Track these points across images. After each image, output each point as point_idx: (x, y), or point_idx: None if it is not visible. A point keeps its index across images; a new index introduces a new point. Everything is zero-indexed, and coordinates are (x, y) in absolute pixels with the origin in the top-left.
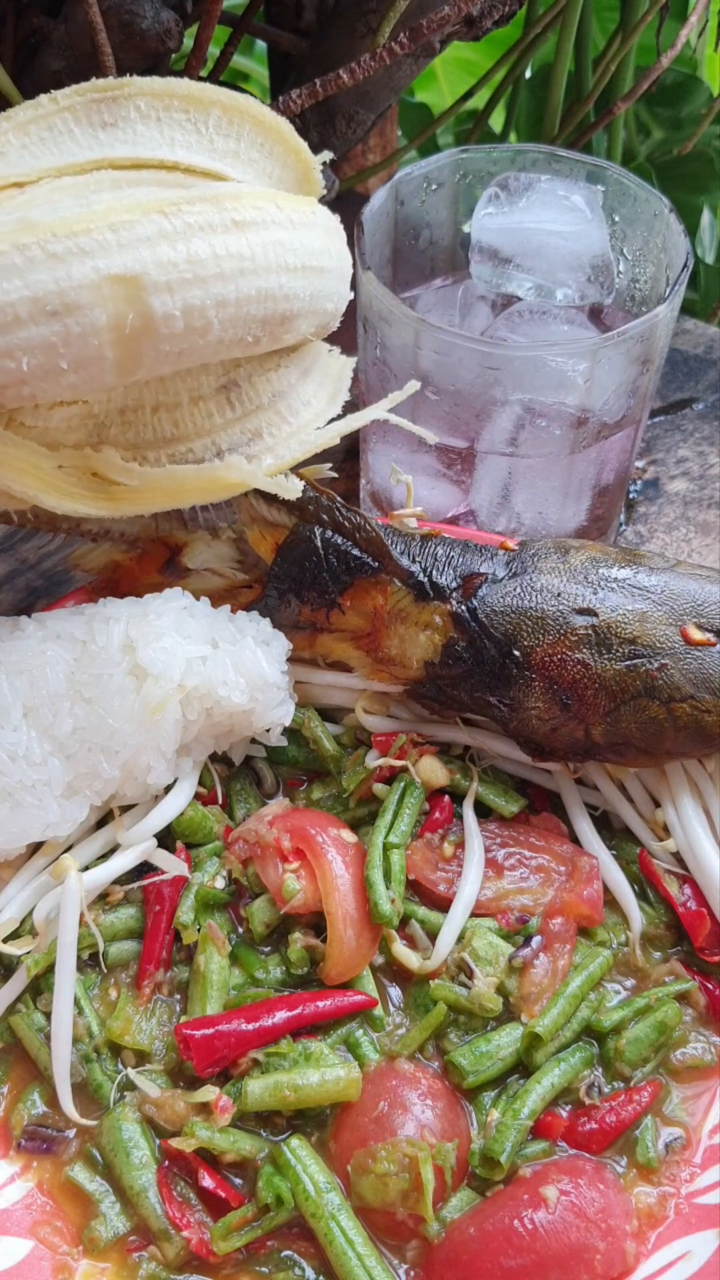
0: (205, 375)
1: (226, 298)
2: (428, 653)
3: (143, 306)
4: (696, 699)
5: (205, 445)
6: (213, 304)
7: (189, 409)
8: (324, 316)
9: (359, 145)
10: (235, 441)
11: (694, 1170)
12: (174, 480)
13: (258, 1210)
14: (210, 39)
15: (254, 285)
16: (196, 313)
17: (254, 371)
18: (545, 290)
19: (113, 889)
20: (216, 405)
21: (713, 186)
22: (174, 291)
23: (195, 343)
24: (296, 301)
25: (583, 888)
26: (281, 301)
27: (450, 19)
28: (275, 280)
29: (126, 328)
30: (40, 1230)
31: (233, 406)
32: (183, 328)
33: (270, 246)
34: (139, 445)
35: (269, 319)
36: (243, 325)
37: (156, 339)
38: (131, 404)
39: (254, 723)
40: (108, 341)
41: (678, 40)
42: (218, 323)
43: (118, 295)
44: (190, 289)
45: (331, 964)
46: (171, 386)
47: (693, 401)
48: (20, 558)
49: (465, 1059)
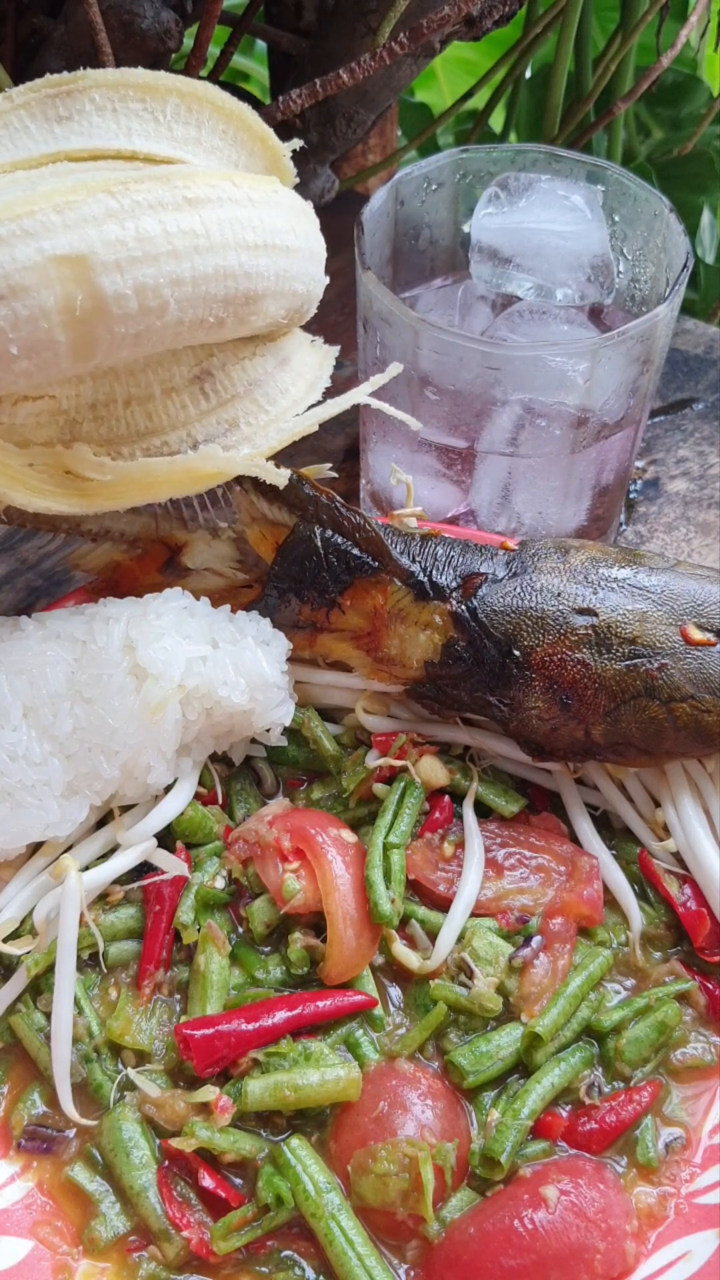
0: (177, 365)
1: (181, 276)
2: (428, 652)
3: (91, 287)
4: (696, 699)
5: (180, 437)
6: (167, 282)
7: (162, 401)
8: (295, 299)
9: (359, 145)
10: (211, 432)
11: (694, 1170)
12: (147, 473)
13: (258, 1210)
14: (210, 39)
15: (210, 263)
16: (150, 292)
17: (228, 360)
18: (545, 290)
19: (113, 889)
20: (190, 396)
21: (713, 186)
22: (124, 270)
23: (152, 323)
24: (260, 280)
25: (583, 888)
26: (243, 280)
27: (450, 19)
28: (234, 258)
29: (76, 309)
30: (40, 1230)
31: (207, 397)
32: (136, 308)
33: (226, 223)
34: (112, 440)
35: (231, 298)
36: (202, 305)
37: (110, 320)
38: (103, 398)
39: (254, 723)
40: (58, 324)
41: (678, 40)
42: (174, 302)
43: (65, 276)
44: (141, 267)
45: (331, 964)
46: (143, 378)
47: (693, 401)
48: (20, 558)
49: (465, 1059)
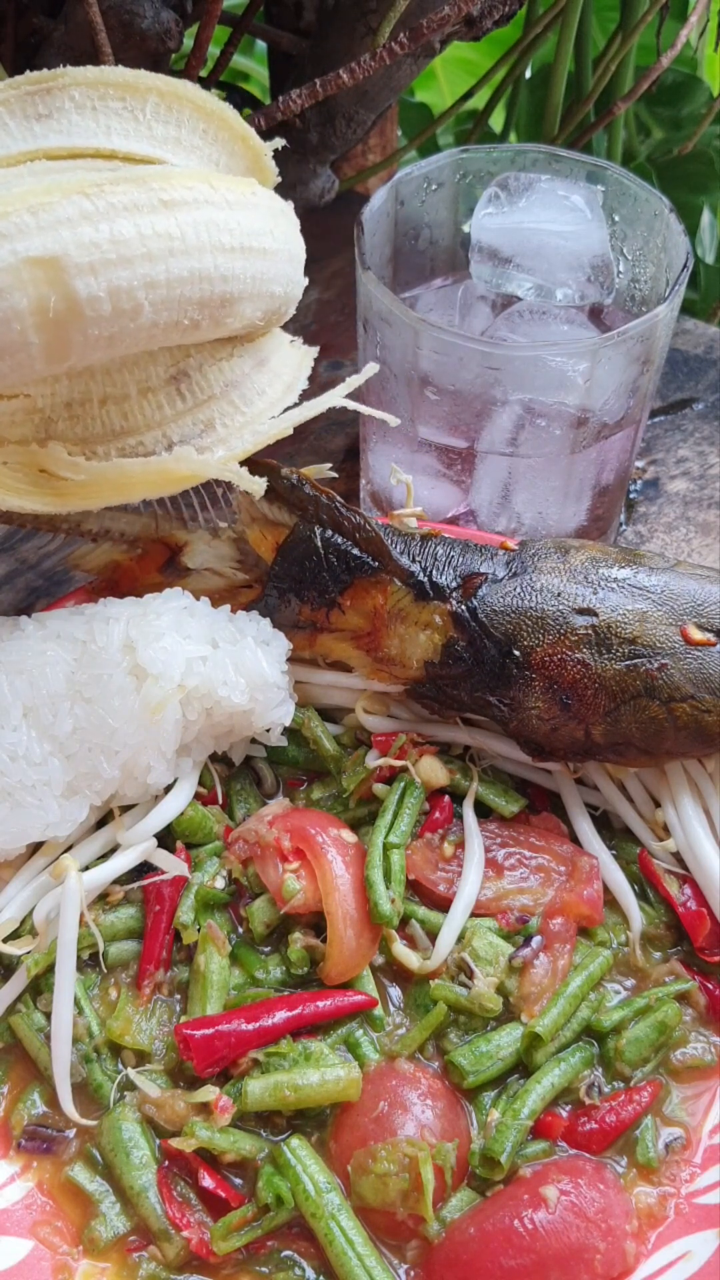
0: (153, 365)
1: (155, 278)
2: (428, 652)
3: (65, 289)
4: (696, 699)
5: (156, 438)
6: (141, 285)
7: (138, 401)
8: (272, 300)
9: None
10: (187, 433)
11: (694, 1170)
12: (121, 474)
13: (258, 1210)
14: (210, 39)
15: (185, 266)
16: (124, 294)
17: (205, 361)
18: (545, 290)
19: (113, 889)
20: (166, 396)
21: (713, 186)
22: (98, 273)
23: (126, 326)
24: (236, 283)
25: (583, 888)
26: (219, 283)
27: (450, 19)
28: (209, 261)
29: (50, 311)
30: (40, 1230)
31: (183, 397)
32: (110, 310)
33: (202, 226)
34: (88, 440)
35: (206, 301)
36: (177, 307)
37: (84, 322)
38: (78, 397)
39: (254, 723)
40: (31, 326)
41: (678, 40)
42: (149, 305)
43: (38, 278)
44: (115, 270)
45: (331, 964)
46: (119, 378)
47: (693, 401)
48: (20, 558)
49: (465, 1059)
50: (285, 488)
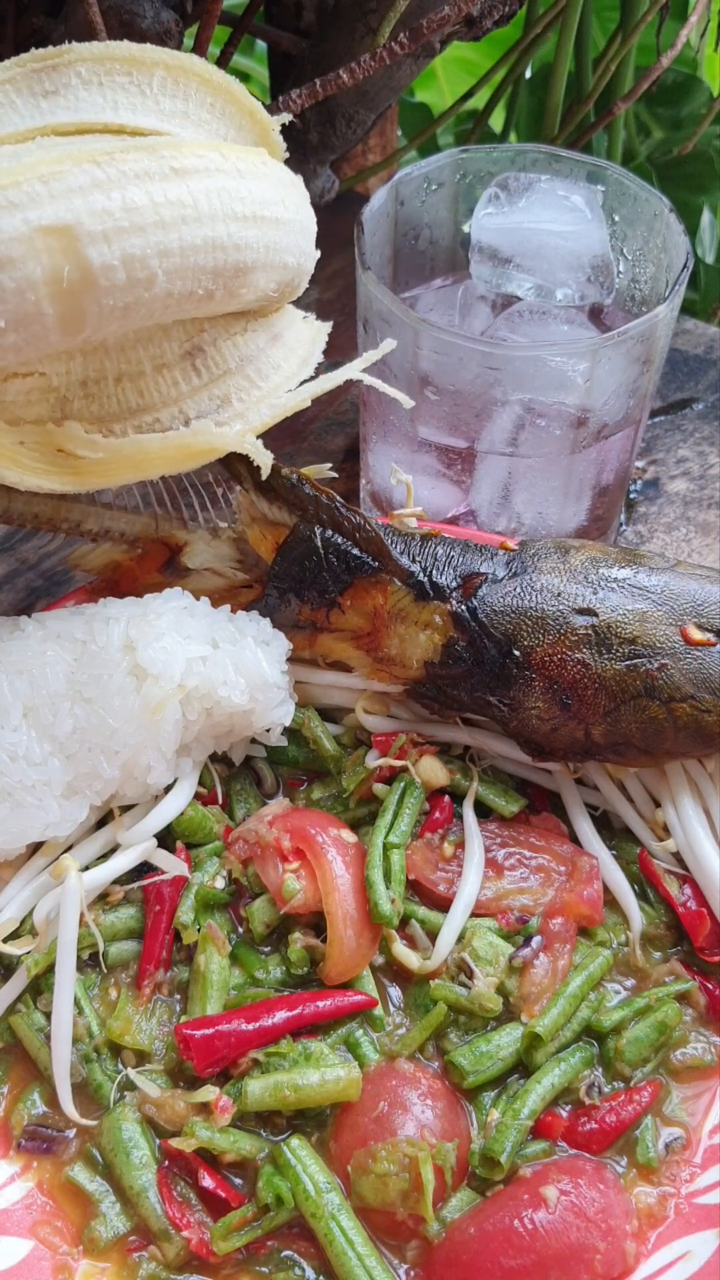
0: (168, 341)
1: (169, 247)
2: (428, 652)
3: (79, 258)
4: (696, 699)
5: (172, 414)
6: (155, 253)
7: (153, 377)
8: (285, 272)
9: (359, 145)
10: (203, 409)
11: (694, 1170)
12: (140, 450)
13: (258, 1210)
14: (210, 39)
15: (199, 234)
16: (138, 263)
17: (219, 336)
18: (545, 290)
19: (113, 889)
20: (182, 372)
21: (713, 186)
22: (111, 241)
23: (140, 295)
24: (249, 252)
25: (583, 888)
26: (232, 252)
27: (450, 19)
28: (223, 229)
29: (64, 281)
30: (40, 1230)
31: (199, 373)
32: (124, 279)
33: (215, 194)
34: (104, 418)
35: (220, 270)
36: (191, 276)
37: (98, 292)
38: (93, 375)
39: (254, 723)
40: (45, 296)
41: (678, 40)
42: (162, 274)
43: (51, 247)
44: (128, 238)
45: (331, 964)
46: (133, 355)
47: (693, 401)
48: (20, 558)
49: (465, 1059)
50: (285, 488)
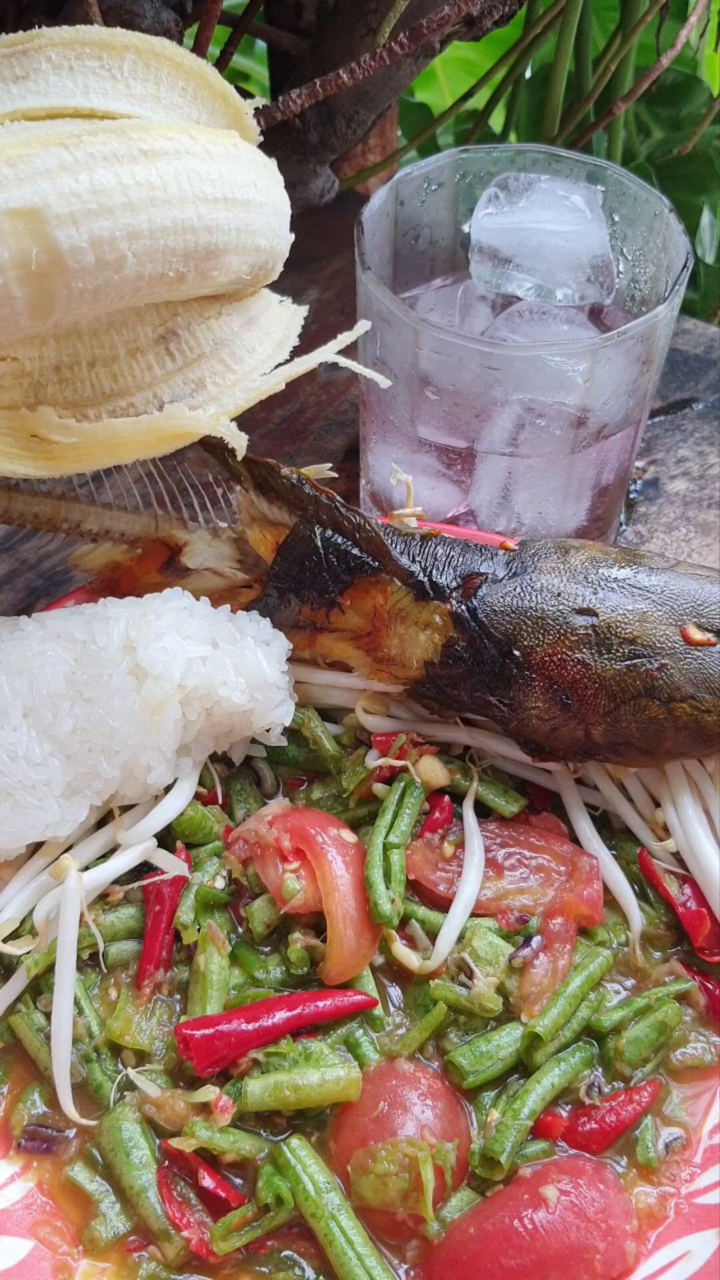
0: (141, 325)
1: (138, 228)
2: (428, 652)
3: (47, 241)
4: (696, 699)
5: (147, 398)
6: (124, 235)
7: (127, 362)
8: (259, 254)
9: (359, 145)
10: (178, 393)
11: (694, 1170)
12: (113, 434)
13: (258, 1210)
14: (210, 39)
15: (169, 216)
16: (107, 245)
17: (193, 320)
18: (545, 290)
19: (113, 889)
20: (156, 357)
21: (713, 186)
22: (79, 223)
23: (110, 278)
24: (221, 235)
25: (583, 888)
26: (203, 234)
27: (450, 19)
28: (193, 211)
29: (32, 263)
30: (40, 1230)
31: (173, 357)
32: (93, 261)
33: (184, 176)
34: (78, 403)
35: (191, 252)
36: (162, 259)
37: (67, 274)
38: (67, 360)
39: (254, 723)
40: (14, 279)
41: (678, 40)
42: (132, 256)
43: (19, 230)
44: (97, 220)
45: (331, 964)
46: (107, 339)
47: (693, 401)
48: (20, 558)
49: (465, 1059)
50: (285, 488)
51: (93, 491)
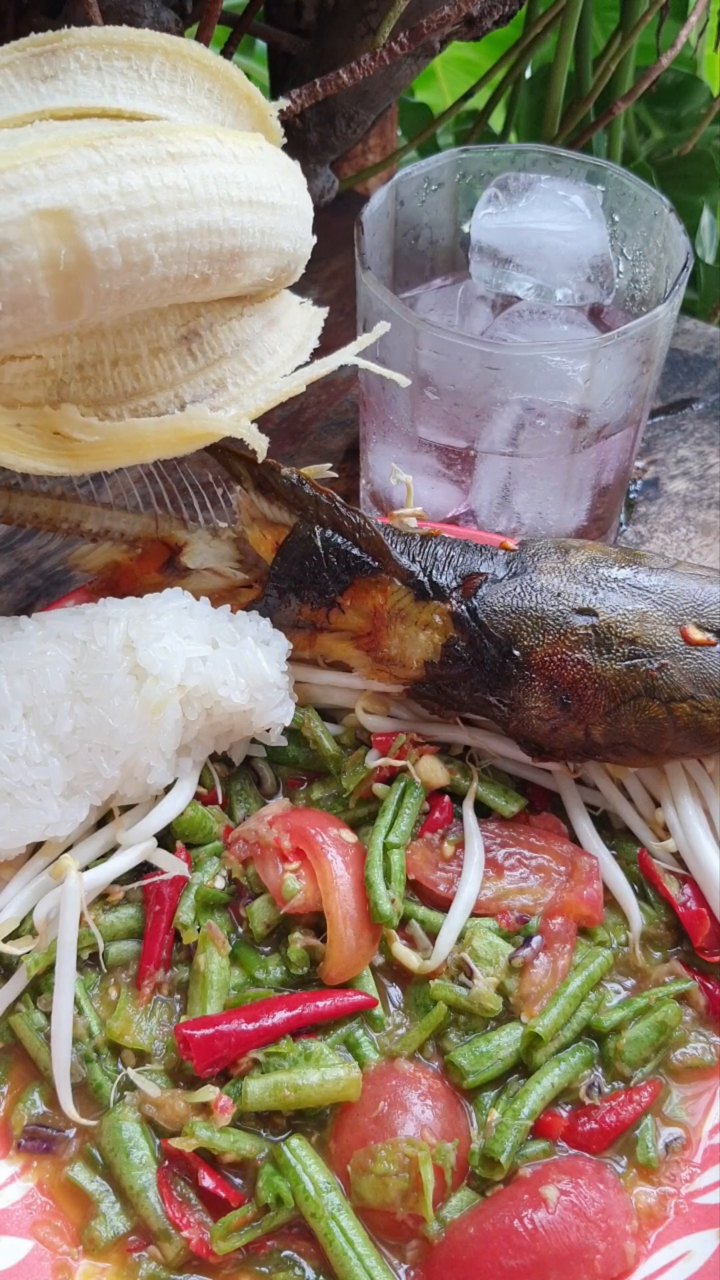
0: (164, 325)
1: (165, 231)
2: (428, 652)
3: (75, 242)
4: (696, 699)
5: (168, 398)
6: (151, 237)
7: (149, 361)
8: (282, 257)
9: (359, 145)
10: (199, 393)
11: (694, 1170)
12: (135, 434)
13: (258, 1210)
14: (210, 39)
15: (195, 218)
16: (134, 247)
17: (215, 320)
18: (545, 290)
19: (113, 889)
20: (178, 356)
21: (713, 186)
22: (107, 225)
23: (137, 279)
24: (245, 237)
25: (583, 888)
26: (228, 236)
27: (450, 19)
28: (219, 213)
29: (60, 264)
30: (40, 1230)
31: (194, 357)
32: (121, 263)
33: (211, 179)
34: (100, 401)
35: (216, 255)
36: (187, 261)
37: (94, 275)
38: (90, 359)
39: (254, 723)
40: (42, 279)
41: (678, 40)
42: (159, 257)
43: (48, 231)
44: (125, 222)
45: (331, 964)
46: (130, 339)
47: (693, 401)
48: (20, 558)
49: (465, 1059)
50: (285, 488)
51: (93, 491)
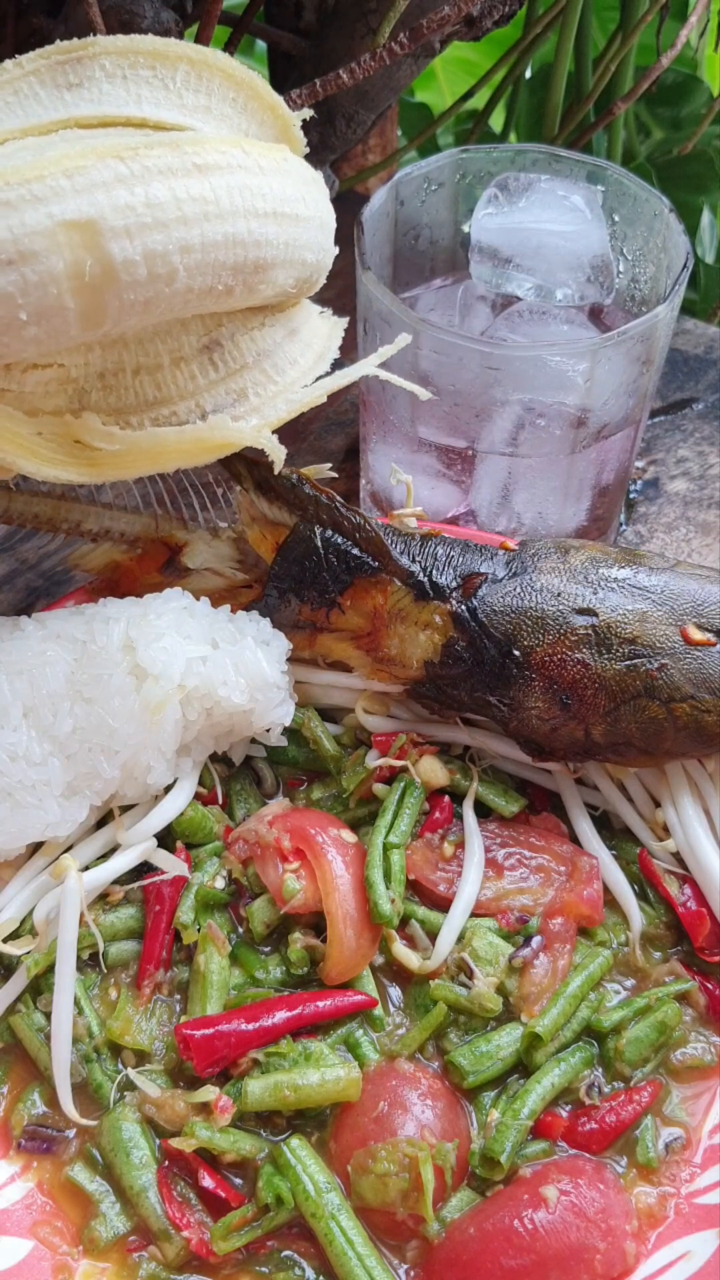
0: (186, 335)
1: (190, 242)
2: (428, 652)
3: (101, 253)
4: (696, 699)
5: (189, 407)
6: (176, 249)
7: (171, 371)
8: (304, 268)
9: (359, 145)
10: (220, 403)
11: (694, 1170)
12: (156, 443)
13: (258, 1210)
14: (210, 39)
15: (220, 230)
16: (159, 258)
17: (237, 330)
18: (545, 290)
19: (113, 889)
20: (199, 366)
21: (713, 186)
22: (133, 236)
23: (161, 290)
24: (270, 249)
25: (583, 888)
26: (253, 248)
27: (450, 19)
28: (244, 225)
29: (85, 275)
30: (40, 1230)
31: (216, 367)
32: (145, 274)
33: (236, 191)
34: (121, 410)
35: (240, 266)
36: (211, 272)
37: (119, 287)
38: (111, 367)
39: (254, 723)
40: (67, 290)
41: (678, 40)
42: (183, 269)
43: (74, 241)
44: (150, 233)
45: (331, 964)
46: (152, 348)
47: (693, 401)
48: (20, 558)
49: (465, 1059)
50: (285, 488)
51: (93, 491)
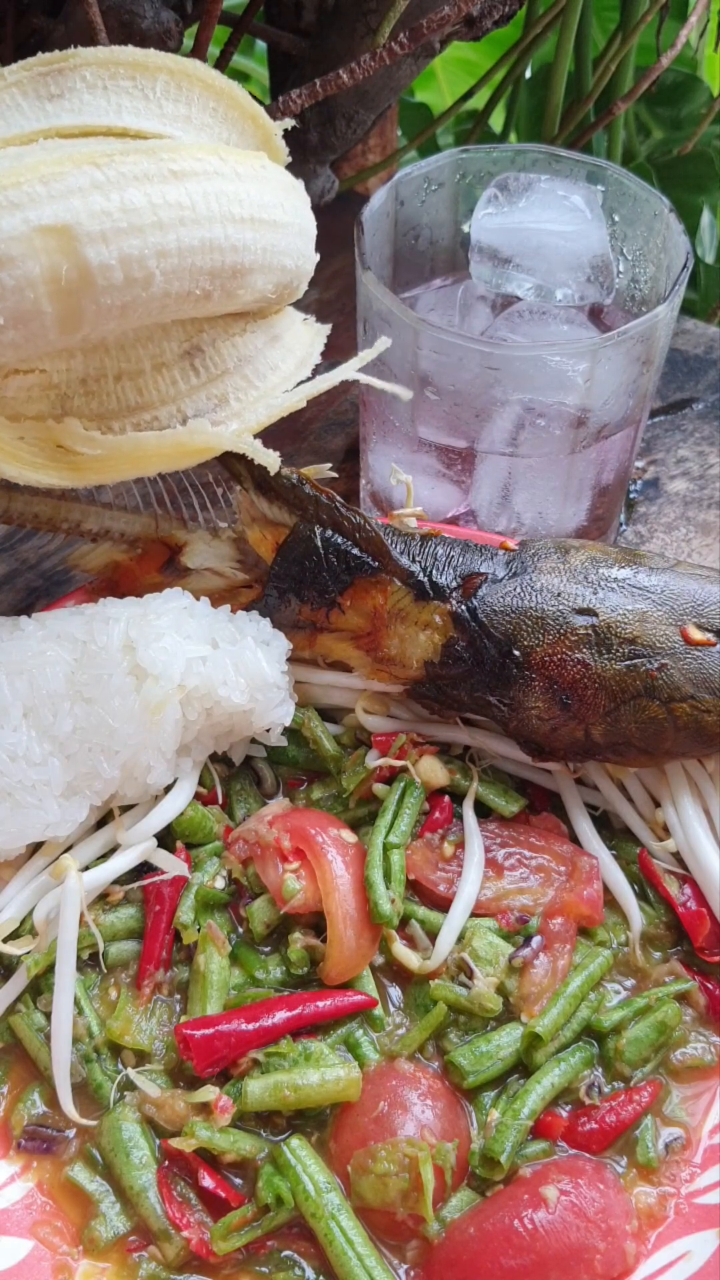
0: (167, 341)
1: (167, 247)
2: (428, 652)
3: (77, 258)
4: (696, 699)
5: (170, 413)
6: (152, 254)
7: (152, 376)
8: (284, 274)
9: (359, 145)
10: (201, 408)
11: (694, 1170)
12: (137, 448)
13: (258, 1210)
14: (210, 39)
15: (196, 235)
16: (135, 263)
17: (218, 336)
18: (545, 290)
19: (113, 889)
20: (180, 372)
21: (713, 186)
22: (109, 241)
23: (138, 295)
24: (247, 254)
25: (583, 888)
26: (230, 253)
27: (450, 19)
28: (220, 231)
29: (62, 279)
30: (40, 1230)
31: (197, 372)
32: (122, 279)
33: (213, 196)
34: (103, 415)
35: (218, 271)
36: (189, 277)
37: (95, 291)
38: (93, 373)
39: (254, 723)
40: (44, 294)
41: (678, 40)
42: (160, 274)
43: (50, 247)
44: (126, 238)
45: (331, 964)
46: (133, 353)
47: (693, 401)
48: (20, 558)
49: (465, 1059)
50: (285, 488)
51: (92, 491)
